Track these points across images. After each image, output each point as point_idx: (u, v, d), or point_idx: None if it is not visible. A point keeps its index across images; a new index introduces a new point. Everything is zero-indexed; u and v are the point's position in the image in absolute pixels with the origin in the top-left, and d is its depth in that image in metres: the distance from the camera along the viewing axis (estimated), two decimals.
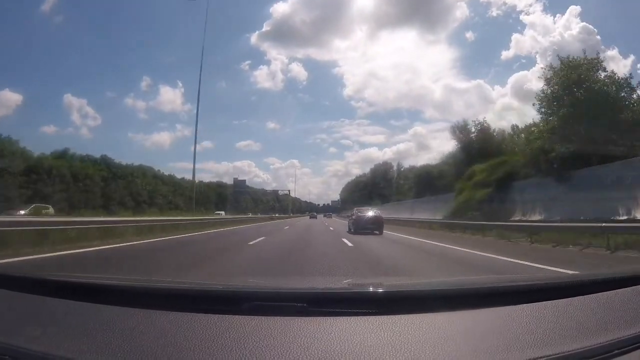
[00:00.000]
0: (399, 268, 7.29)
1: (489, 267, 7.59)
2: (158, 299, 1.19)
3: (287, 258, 8.44)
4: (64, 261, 7.29)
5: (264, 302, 1.14)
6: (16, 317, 1.14)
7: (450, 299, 1.18)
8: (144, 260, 8.00)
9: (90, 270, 6.52)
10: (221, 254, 9.41)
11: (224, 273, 6.36)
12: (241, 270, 6.60)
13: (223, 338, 0.93)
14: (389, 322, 1.00)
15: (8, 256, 7.00)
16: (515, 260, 8.14)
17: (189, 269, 6.55)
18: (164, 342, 0.92)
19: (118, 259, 7.88)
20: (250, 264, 7.56)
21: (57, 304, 1.19)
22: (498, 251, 10.02)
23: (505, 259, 8.48)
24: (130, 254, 8.82)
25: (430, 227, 24.13)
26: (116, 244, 10.56)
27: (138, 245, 10.69)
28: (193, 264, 7.33)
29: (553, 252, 10.47)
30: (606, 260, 8.62)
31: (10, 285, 1.33)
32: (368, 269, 6.86)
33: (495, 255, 9.03)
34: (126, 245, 10.40)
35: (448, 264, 8.18)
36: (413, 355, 0.87)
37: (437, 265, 7.91)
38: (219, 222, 27.66)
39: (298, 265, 7.13)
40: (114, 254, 8.62)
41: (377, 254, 9.58)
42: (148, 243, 11.57)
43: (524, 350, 0.90)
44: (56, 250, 8.33)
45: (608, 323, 1.06)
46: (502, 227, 15.88)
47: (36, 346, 0.93)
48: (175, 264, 7.34)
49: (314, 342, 0.91)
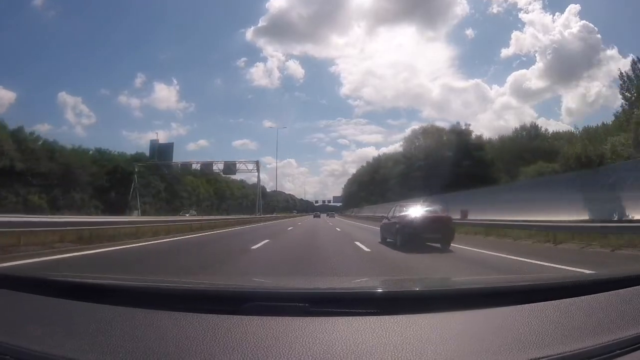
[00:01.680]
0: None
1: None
2: (160, 299, 1.19)
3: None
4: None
5: (266, 302, 1.14)
6: (18, 317, 1.14)
7: (452, 299, 1.18)
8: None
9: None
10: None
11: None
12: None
13: (225, 338, 0.93)
14: (391, 322, 1.00)
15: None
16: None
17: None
18: (166, 342, 0.93)
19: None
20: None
21: (59, 304, 1.19)
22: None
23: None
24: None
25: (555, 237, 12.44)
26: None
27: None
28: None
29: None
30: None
31: (12, 286, 1.34)
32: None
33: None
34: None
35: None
36: (415, 355, 0.87)
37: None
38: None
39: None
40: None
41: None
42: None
43: (525, 351, 0.90)
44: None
45: (609, 323, 1.06)
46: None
47: (38, 346, 0.93)
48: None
49: (316, 342, 0.91)
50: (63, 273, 1.88)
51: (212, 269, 6.67)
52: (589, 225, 12.88)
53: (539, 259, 8.07)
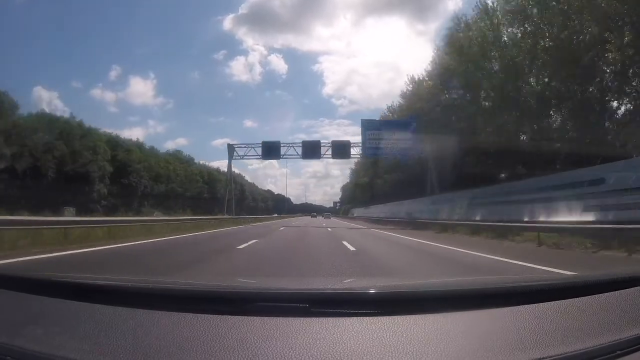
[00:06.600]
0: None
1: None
2: (160, 299, 1.19)
3: None
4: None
5: (266, 303, 1.14)
6: (18, 317, 1.14)
7: (452, 300, 1.18)
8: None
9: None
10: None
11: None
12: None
13: (225, 339, 0.93)
14: (391, 323, 1.00)
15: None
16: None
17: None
18: (166, 343, 0.93)
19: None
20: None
21: (59, 304, 1.19)
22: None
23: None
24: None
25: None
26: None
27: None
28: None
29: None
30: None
31: (12, 286, 1.33)
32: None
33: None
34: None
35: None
36: (415, 355, 0.87)
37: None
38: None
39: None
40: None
41: None
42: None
43: (525, 351, 0.90)
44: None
45: (609, 324, 1.06)
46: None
47: (38, 347, 0.93)
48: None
49: (316, 342, 0.91)
50: (63, 273, 1.97)
51: None
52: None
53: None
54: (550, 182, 16.24)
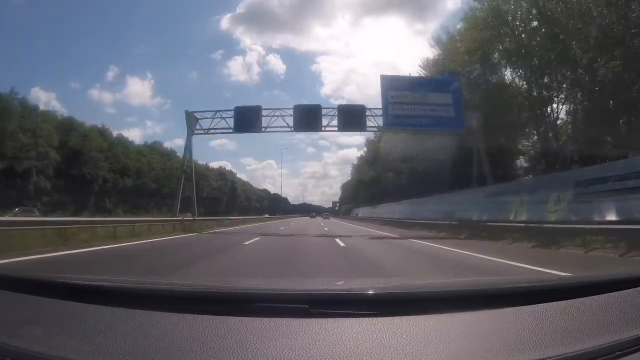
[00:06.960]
0: None
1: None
2: (159, 300, 1.19)
3: None
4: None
5: (265, 304, 1.13)
6: (17, 318, 1.14)
7: (452, 301, 1.18)
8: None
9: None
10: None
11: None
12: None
13: (225, 340, 0.93)
14: (390, 324, 1.00)
15: None
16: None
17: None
18: (166, 344, 0.93)
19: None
20: None
21: (58, 305, 1.19)
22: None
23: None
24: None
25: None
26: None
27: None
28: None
29: None
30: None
31: (12, 287, 1.33)
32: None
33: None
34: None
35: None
36: (414, 356, 0.87)
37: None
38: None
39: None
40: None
41: None
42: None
43: (525, 352, 0.90)
44: None
45: (609, 325, 1.06)
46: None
47: (37, 347, 0.93)
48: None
49: (316, 343, 0.91)
50: (63, 274, 1.78)
51: None
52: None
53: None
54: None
